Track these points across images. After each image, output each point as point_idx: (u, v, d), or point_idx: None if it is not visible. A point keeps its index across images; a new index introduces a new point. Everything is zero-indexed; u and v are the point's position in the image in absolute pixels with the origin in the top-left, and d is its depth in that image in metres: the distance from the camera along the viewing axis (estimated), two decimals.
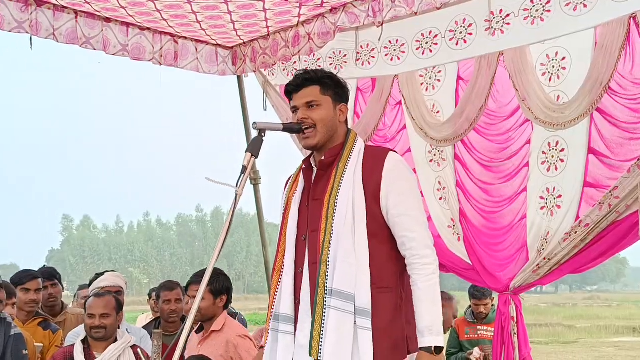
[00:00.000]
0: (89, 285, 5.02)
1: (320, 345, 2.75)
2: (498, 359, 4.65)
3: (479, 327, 6.16)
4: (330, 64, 5.28)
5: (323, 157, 2.96)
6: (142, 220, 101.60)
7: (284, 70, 5.65)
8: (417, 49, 4.82)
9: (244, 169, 2.72)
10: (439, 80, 4.85)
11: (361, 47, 5.12)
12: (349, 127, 3.10)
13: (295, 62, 5.46)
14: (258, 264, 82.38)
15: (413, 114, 4.89)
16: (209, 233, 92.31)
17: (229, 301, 4.38)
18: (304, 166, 3.06)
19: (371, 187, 2.85)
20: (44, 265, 5.38)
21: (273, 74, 5.74)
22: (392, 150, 3.00)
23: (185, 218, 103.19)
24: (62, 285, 5.24)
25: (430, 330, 2.78)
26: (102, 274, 4.96)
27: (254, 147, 2.78)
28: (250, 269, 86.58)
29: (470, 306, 6.27)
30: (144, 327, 5.22)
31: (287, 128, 2.96)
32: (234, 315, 7.90)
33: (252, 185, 6.04)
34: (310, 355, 2.77)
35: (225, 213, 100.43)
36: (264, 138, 2.82)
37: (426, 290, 2.81)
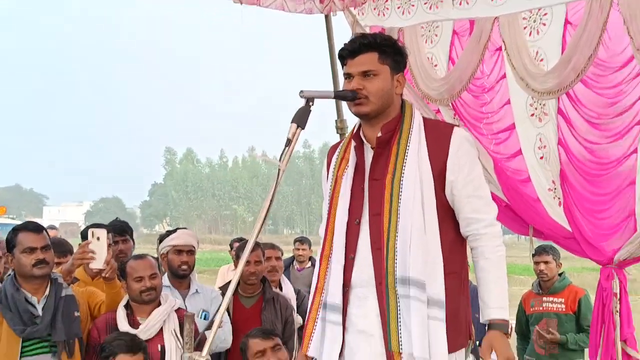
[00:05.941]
0: (160, 241, 5.04)
1: (400, 338, 2.75)
2: (597, 339, 4.59)
3: (544, 298, 6.00)
4: (425, 3, 5.14)
5: (380, 134, 2.91)
6: (247, 155, 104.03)
7: (374, 9, 5.50)
8: None
9: (289, 141, 2.66)
10: (544, 24, 4.60)
11: None
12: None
13: (387, 0, 5.32)
14: None
15: (514, 61, 4.70)
16: (317, 171, 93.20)
17: None
18: (354, 143, 2.99)
19: (438, 167, 2.85)
20: (117, 218, 5.41)
21: (363, 13, 5.59)
22: (456, 125, 3.04)
23: (293, 154, 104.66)
24: (133, 241, 5.24)
25: (500, 305, 2.82)
26: (174, 230, 5.02)
27: (301, 118, 2.69)
28: None
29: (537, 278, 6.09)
30: (220, 288, 5.28)
31: (339, 95, 2.90)
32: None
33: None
34: (390, 348, 2.77)
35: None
36: (311, 107, 2.73)
37: (495, 261, 2.86)
